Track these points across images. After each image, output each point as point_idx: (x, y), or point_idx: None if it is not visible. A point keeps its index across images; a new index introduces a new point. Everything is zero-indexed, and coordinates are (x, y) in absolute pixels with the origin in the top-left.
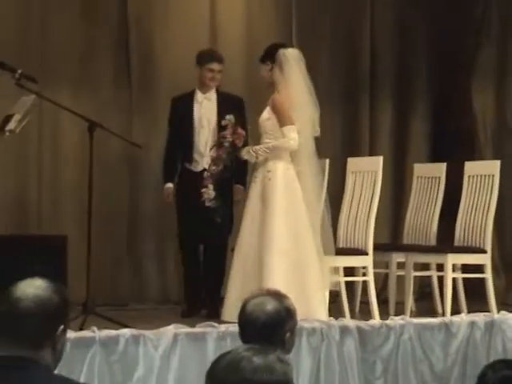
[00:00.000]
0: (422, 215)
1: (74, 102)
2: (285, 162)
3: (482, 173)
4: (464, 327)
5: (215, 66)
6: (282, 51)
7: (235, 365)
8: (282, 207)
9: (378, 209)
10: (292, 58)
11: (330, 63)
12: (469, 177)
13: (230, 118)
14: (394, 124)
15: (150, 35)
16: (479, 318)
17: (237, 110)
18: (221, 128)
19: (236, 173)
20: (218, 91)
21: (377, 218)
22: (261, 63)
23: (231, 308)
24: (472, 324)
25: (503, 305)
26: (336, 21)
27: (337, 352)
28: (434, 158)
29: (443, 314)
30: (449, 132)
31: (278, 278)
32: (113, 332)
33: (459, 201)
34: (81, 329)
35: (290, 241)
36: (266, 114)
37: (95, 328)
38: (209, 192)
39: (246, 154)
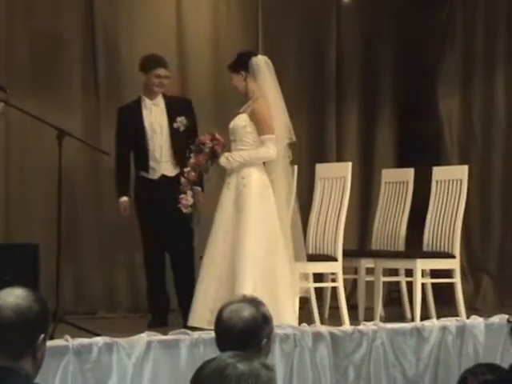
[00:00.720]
0: (391, 220)
1: (42, 110)
2: (259, 168)
3: (450, 178)
4: (436, 332)
5: (162, 71)
6: (254, 59)
7: (220, 372)
8: (256, 215)
9: (346, 215)
10: (263, 65)
11: (296, 70)
12: (437, 182)
13: (181, 119)
14: (360, 130)
15: (116, 43)
16: (451, 322)
17: (187, 111)
18: (173, 131)
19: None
20: (164, 96)
21: (345, 224)
22: (232, 73)
23: (200, 313)
24: (444, 329)
25: (471, 309)
26: (302, 27)
27: (309, 358)
28: (401, 163)
29: (412, 319)
30: (415, 137)
31: (249, 285)
32: (86, 340)
33: (427, 206)
34: (51, 337)
35: (263, 248)
36: (242, 121)
37: (68, 336)
38: (187, 198)
39: (224, 160)
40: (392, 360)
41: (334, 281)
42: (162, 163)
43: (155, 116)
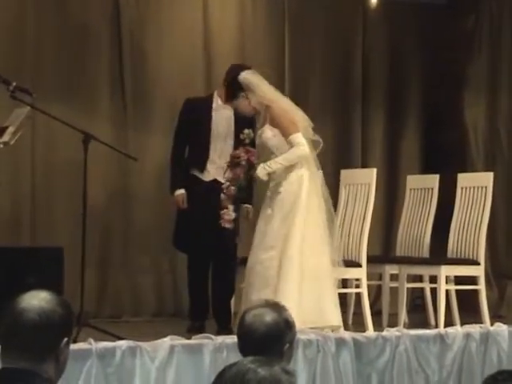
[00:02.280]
0: (415, 227)
1: (68, 116)
2: (296, 169)
3: (474, 184)
4: (459, 339)
5: None
6: (241, 76)
7: (241, 377)
8: (299, 219)
9: (370, 220)
10: (252, 76)
11: (322, 77)
12: (462, 188)
13: (248, 132)
14: (386, 136)
15: (142, 47)
16: (474, 329)
17: (252, 126)
18: (238, 141)
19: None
20: None
21: (369, 230)
22: (233, 100)
23: None
24: (467, 336)
25: (495, 317)
26: (328, 33)
27: (332, 364)
28: (427, 170)
29: (436, 326)
30: (441, 144)
31: (294, 288)
32: (109, 344)
33: (452, 212)
34: (74, 341)
35: (309, 250)
36: (269, 131)
37: (92, 340)
38: (230, 213)
39: (262, 171)
40: (415, 366)
41: (358, 287)
42: (218, 168)
43: (224, 121)
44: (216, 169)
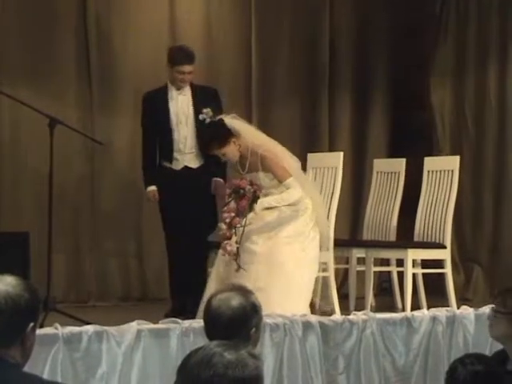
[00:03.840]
0: (382, 210)
1: (34, 99)
2: (301, 203)
3: (441, 168)
4: (426, 322)
5: (186, 68)
6: (226, 122)
7: (207, 360)
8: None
9: (337, 204)
10: (237, 121)
11: (289, 59)
12: (428, 172)
13: (207, 111)
14: (353, 120)
15: (109, 31)
16: (441, 312)
17: (213, 101)
18: (198, 122)
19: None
20: (191, 84)
21: (336, 214)
22: (222, 148)
23: None
24: (434, 319)
25: (462, 300)
26: (296, 17)
27: (299, 347)
28: (393, 154)
29: (403, 309)
30: (408, 127)
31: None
32: (76, 329)
33: (419, 196)
34: (41, 326)
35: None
36: (266, 179)
37: (58, 325)
38: (232, 244)
39: (260, 206)
40: (382, 350)
41: (325, 270)
42: (186, 155)
43: (181, 106)
44: (184, 155)
